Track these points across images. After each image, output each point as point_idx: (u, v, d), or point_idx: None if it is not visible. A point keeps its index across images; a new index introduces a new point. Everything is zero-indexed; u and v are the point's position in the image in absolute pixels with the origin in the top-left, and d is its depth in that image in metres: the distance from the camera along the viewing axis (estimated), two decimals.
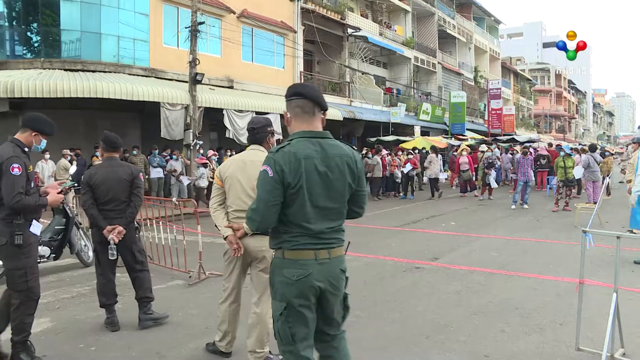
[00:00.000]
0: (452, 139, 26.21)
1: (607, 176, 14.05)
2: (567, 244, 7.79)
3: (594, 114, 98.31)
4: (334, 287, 2.36)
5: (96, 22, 13.84)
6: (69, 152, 12.06)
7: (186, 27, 13.71)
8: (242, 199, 3.33)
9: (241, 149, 12.83)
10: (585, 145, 18.96)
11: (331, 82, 23.54)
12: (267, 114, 15.20)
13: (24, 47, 13.73)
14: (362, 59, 26.27)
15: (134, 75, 14.19)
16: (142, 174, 4.75)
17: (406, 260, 6.79)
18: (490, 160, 15.16)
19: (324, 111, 2.40)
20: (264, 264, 3.30)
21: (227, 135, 15.61)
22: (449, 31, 34.61)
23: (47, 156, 11.88)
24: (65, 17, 13.52)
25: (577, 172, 12.21)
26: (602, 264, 6.27)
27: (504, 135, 30.89)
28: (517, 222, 10.50)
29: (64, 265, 6.56)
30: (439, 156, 18.94)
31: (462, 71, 36.88)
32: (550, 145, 20.74)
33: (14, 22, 13.70)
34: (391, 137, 22.61)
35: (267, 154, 2.30)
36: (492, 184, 15.10)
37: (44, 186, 3.49)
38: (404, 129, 25.47)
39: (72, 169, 8.22)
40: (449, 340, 3.94)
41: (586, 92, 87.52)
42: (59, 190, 3.69)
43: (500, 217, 11.44)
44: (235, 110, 15.43)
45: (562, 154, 12.57)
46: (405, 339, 3.98)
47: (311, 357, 2.37)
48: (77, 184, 4.91)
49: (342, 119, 20.32)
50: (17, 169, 3.29)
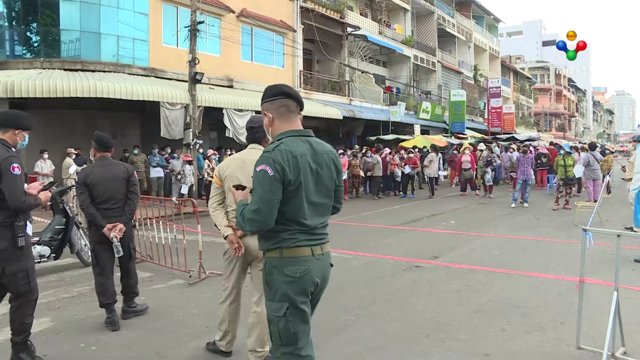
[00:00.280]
0: (452, 137, 26.20)
1: (608, 174, 14.03)
2: (567, 243, 7.79)
3: (594, 112, 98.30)
4: (325, 281, 2.42)
5: (96, 21, 13.85)
6: (73, 150, 12.01)
7: (186, 27, 13.70)
8: None
9: (241, 148, 12.72)
10: (585, 143, 18.94)
11: (331, 81, 23.54)
12: None
13: (24, 47, 13.73)
14: (362, 58, 26.25)
15: (133, 74, 14.19)
16: (137, 172, 4.77)
17: (406, 259, 6.79)
18: (488, 158, 15.40)
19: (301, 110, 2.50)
20: None
21: (226, 134, 15.61)
22: (448, 30, 34.60)
23: (45, 156, 11.88)
24: (64, 17, 13.53)
25: (578, 171, 12.16)
26: (603, 262, 6.27)
27: (504, 133, 30.88)
28: (518, 221, 10.50)
29: (64, 264, 6.56)
30: (439, 155, 18.97)
31: (462, 70, 36.88)
32: (551, 144, 20.72)
33: (14, 22, 13.70)
34: (391, 136, 22.63)
35: (262, 154, 2.27)
36: (488, 181, 15.36)
37: (27, 187, 3.37)
38: (404, 128, 25.48)
39: (72, 169, 8.23)
40: (449, 339, 3.94)
41: (586, 90, 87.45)
42: (40, 189, 3.52)
43: (500, 215, 11.44)
44: (234, 109, 15.44)
45: (562, 152, 12.53)
46: (405, 338, 3.97)
47: (313, 354, 2.36)
48: (55, 182, 4.91)
49: (341, 118, 20.35)
50: (17, 169, 3.22)
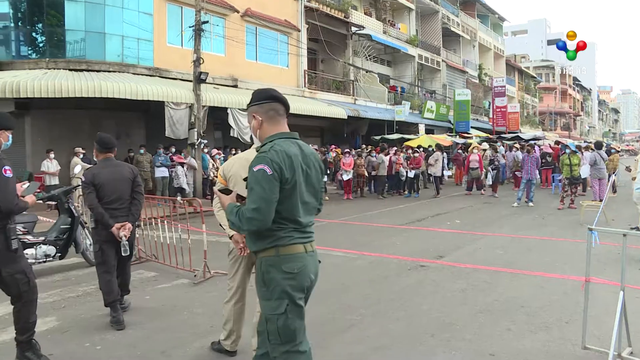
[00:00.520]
0: (457, 137, 26.12)
1: (613, 173, 13.94)
2: (572, 242, 7.76)
3: (600, 111, 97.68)
4: (317, 277, 2.49)
5: (100, 22, 13.89)
6: (81, 150, 12.03)
7: (190, 27, 13.72)
8: None
9: (245, 147, 12.81)
10: (590, 142, 18.83)
11: (335, 81, 23.54)
12: None
13: (29, 48, 13.80)
14: (366, 57, 26.22)
15: (138, 74, 14.22)
16: (142, 172, 4.83)
17: (411, 258, 6.78)
18: (491, 157, 15.52)
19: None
20: None
21: (231, 134, 15.63)
22: (453, 29, 34.50)
23: (52, 155, 11.93)
24: (69, 17, 13.58)
25: (584, 171, 12.07)
26: (609, 261, 6.23)
27: (509, 133, 30.76)
28: (522, 220, 10.46)
29: (70, 264, 6.58)
30: (444, 154, 18.93)
31: (467, 69, 36.76)
32: (556, 143, 20.63)
33: (19, 23, 13.77)
34: (396, 136, 22.57)
35: (258, 154, 2.32)
36: (489, 181, 15.54)
37: None
38: (409, 127, 25.44)
39: (78, 168, 8.25)
40: (455, 338, 3.93)
41: (591, 89, 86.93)
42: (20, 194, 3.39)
43: (505, 215, 11.40)
44: (239, 109, 15.44)
45: (567, 151, 12.45)
46: (410, 338, 3.97)
47: (309, 349, 2.45)
48: (38, 185, 4.87)
49: (346, 117, 20.33)
50: (8, 171, 3.15)
